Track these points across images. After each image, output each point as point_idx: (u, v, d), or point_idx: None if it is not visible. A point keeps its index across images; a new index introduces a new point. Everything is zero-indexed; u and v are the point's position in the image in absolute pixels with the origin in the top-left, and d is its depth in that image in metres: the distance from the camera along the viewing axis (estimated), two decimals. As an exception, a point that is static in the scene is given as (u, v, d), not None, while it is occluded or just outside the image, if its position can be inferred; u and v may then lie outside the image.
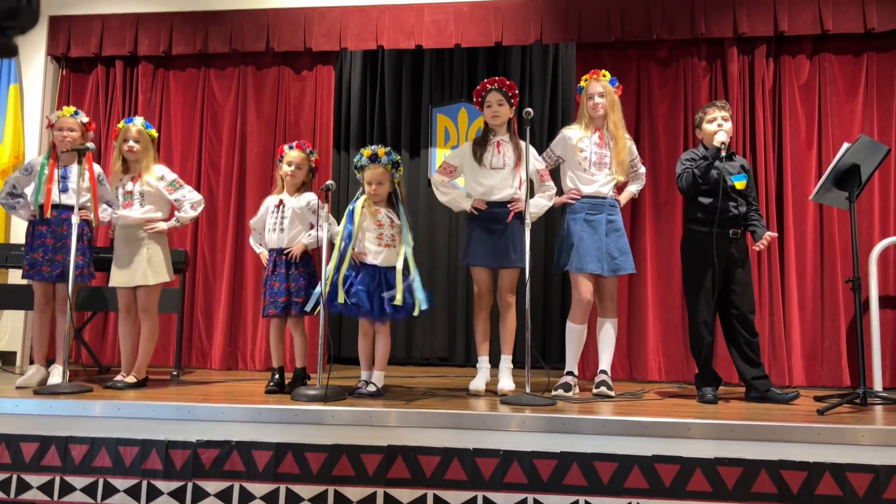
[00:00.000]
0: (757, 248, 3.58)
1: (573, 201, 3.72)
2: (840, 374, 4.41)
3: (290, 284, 3.65)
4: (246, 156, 5.18)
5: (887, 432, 2.63)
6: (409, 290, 3.49)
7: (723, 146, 3.46)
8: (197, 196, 3.85)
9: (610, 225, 3.67)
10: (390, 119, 6.05)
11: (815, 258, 4.56)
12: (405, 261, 3.54)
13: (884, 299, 4.37)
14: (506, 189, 3.67)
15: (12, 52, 0.70)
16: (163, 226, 3.74)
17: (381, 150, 3.58)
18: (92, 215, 3.79)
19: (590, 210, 3.68)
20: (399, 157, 3.64)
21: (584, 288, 3.63)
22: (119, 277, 3.70)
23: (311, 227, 3.74)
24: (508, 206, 3.65)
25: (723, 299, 3.55)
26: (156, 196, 3.76)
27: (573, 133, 3.76)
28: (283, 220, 3.71)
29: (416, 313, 3.49)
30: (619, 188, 3.85)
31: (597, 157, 3.70)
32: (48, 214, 3.73)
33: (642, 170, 3.95)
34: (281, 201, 3.75)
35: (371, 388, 3.47)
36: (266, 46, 5.09)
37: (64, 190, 3.79)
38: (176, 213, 3.82)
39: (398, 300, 3.42)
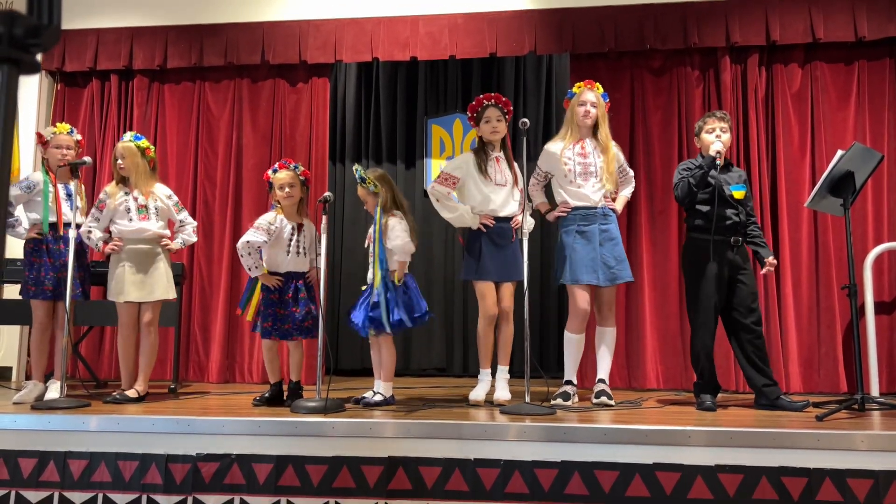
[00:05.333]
0: (763, 273, 3.64)
1: (564, 214, 3.72)
2: (837, 380, 4.42)
3: (310, 309, 3.69)
4: (242, 169, 5.18)
5: (886, 437, 2.64)
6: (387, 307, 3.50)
7: (718, 155, 3.49)
8: (195, 222, 4.02)
9: (604, 234, 3.65)
10: (385, 130, 6.07)
11: (810, 265, 4.59)
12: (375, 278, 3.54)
13: (879, 305, 4.40)
14: (510, 205, 3.72)
15: (36, 69, 0.71)
16: (173, 245, 3.83)
17: (354, 170, 3.67)
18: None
19: (581, 221, 3.67)
20: (364, 170, 3.64)
21: (580, 299, 3.63)
22: (136, 292, 3.69)
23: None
24: (511, 222, 3.69)
25: (728, 307, 3.56)
26: (166, 213, 3.84)
27: (555, 146, 3.76)
28: (303, 245, 3.74)
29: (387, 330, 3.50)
30: (612, 197, 3.84)
31: (581, 168, 3.69)
32: (62, 232, 3.78)
33: (631, 172, 3.94)
34: (301, 225, 3.75)
35: (377, 398, 3.49)
36: (261, 59, 5.10)
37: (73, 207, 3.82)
38: (180, 235, 3.91)
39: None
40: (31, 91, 5.29)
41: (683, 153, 4.74)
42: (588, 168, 3.68)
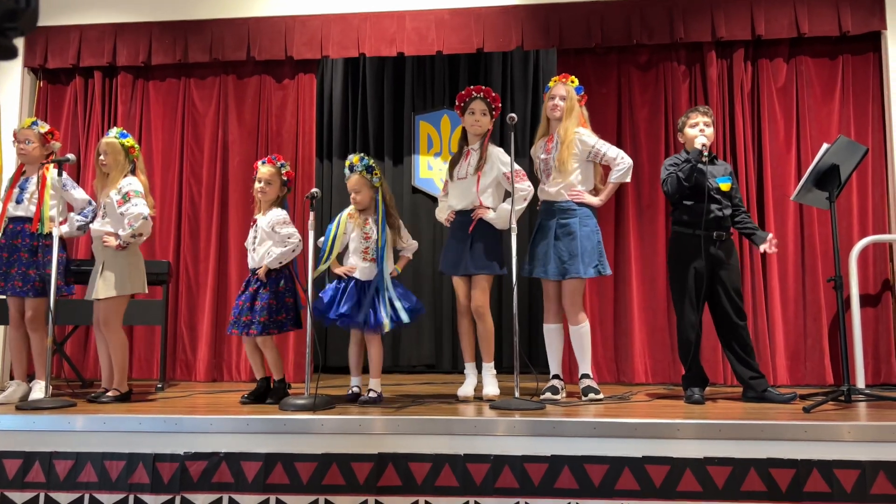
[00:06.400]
0: (771, 251, 3.62)
1: (538, 208, 3.81)
2: (823, 373, 4.46)
3: (257, 303, 3.56)
4: (228, 166, 5.15)
5: (872, 428, 2.66)
6: (390, 304, 3.48)
7: (704, 148, 3.50)
8: (137, 210, 3.52)
9: (562, 229, 3.64)
10: (373, 127, 6.05)
11: (796, 258, 4.62)
12: (382, 278, 3.52)
13: (864, 297, 4.43)
14: (466, 198, 3.72)
15: (13, 53, 0.69)
16: (112, 242, 3.54)
17: (355, 158, 3.60)
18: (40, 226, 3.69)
19: (543, 216, 3.75)
20: (372, 160, 3.61)
21: (545, 290, 3.76)
22: (87, 292, 3.67)
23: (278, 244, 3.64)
24: (472, 214, 3.68)
25: (712, 301, 3.59)
26: (113, 209, 3.60)
27: (533, 148, 3.91)
28: (254, 240, 3.68)
29: (406, 320, 3.50)
30: (597, 191, 3.81)
31: (544, 164, 3.76)
32: None
33: (612, 154, 3.68)
34: (254, 220, 3.73)
35: (373, 395, 3.48)
36: (247, 55, 5.06)
37: (19, 201, 3.75)
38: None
39: (385, 325, 3.42)
40: (13, 89, 5.21)
41: (670, 148, 4.75)
42: (549, 163, 3.73)
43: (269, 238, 3.63)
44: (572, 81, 3.76)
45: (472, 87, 3.77)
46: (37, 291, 3.68)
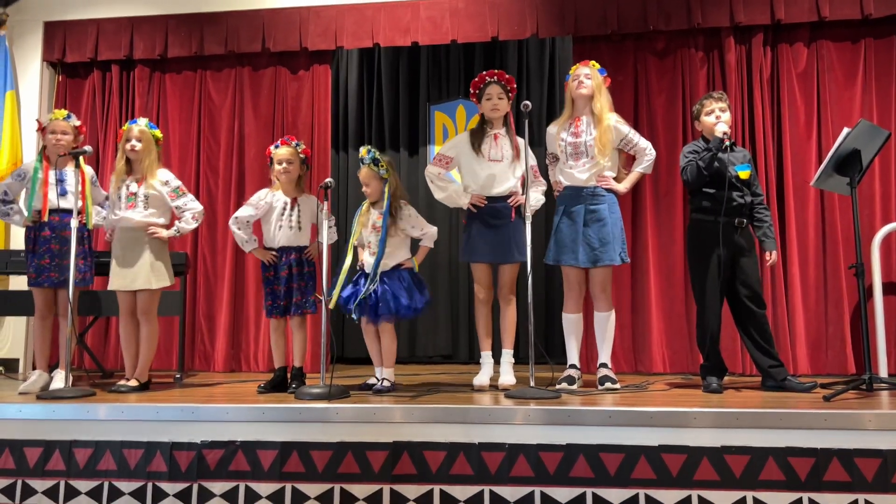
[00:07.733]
0: (767, 264, 3.62)
1: (556, 194, 3.73)
2: (845, 361, 4.40)
3: (304, 284, 3.69)
4: (244, 157, 5.17)
5: (895, 417, 2.61)
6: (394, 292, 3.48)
7: (725, 136, 3.45)
8: (199, 206, 3.83)
9: (591, 215, 3.59)
10: (388, 117, 6.04)
11: (816, 245, 4.55)
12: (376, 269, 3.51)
13: (887, 285, 4.35)
14: (505, 182, 3.65)
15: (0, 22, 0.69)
16: (164, 234, 3.71)
17: (363, 151, 3.59)
18: (86, 218, 3.77)
19: (569, 201, 3.65)
20: (379, 153, 3.58)
21: (568, 279, 3.68)
22: (119, 281, 3.67)
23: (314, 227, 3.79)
24: (508, 200, 3.64)
25: (731, 289, 3.54)
26: (159, 200, 3.73)
27: (553, 127, 3.78)
28: (299, 220, 3.72)
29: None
30: (621, 176, 3.78)
31: (571, 148, 3.65)
32: (45, 218, 3.73)
33: (643, 144, 3.70)
34: (295, 200, 3.74)
35: (386, 384, 3.49)
36: (262, 47, 5.08)
37: (62, 194, 3.78)
38: (176, 222, 3.78)
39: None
40: (33, 83, 5.28)
41: (688, 135, 4.69)
42: (578, 148, 3.64)
43: (312, 219, 3.77)
44: (594, 64, 3.73)
45: (484, 72, 3.73)
46: (86, 282, 3.86)
